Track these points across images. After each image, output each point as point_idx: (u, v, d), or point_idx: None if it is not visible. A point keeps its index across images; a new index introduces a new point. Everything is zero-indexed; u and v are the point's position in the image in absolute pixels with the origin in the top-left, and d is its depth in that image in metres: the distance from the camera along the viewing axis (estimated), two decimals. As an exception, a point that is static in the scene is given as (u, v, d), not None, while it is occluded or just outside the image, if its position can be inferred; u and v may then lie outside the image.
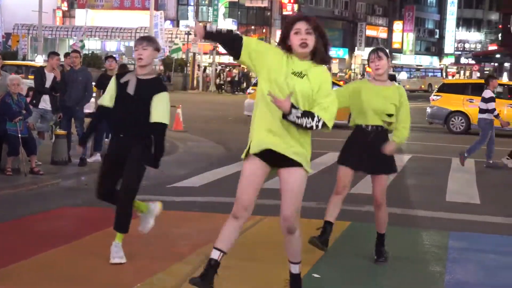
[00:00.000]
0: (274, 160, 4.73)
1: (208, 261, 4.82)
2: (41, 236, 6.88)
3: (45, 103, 11.60)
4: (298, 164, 4.70)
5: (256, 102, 4.77)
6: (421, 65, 75.67)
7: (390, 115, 6.22)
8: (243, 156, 4.89)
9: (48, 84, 11.48)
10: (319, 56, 4.79)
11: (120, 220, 5.99)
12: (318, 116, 4.55)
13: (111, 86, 6.05)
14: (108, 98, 6.03)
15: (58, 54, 12.02)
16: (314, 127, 4.57)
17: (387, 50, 6.76)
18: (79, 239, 6.73)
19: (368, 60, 6.47)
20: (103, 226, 7.10)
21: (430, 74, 70.74)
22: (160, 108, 5.92)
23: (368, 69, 65.99)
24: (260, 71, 4.71)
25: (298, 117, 4.49)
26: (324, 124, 4.59)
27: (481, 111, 13.66)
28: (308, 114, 4.53)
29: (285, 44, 4.73)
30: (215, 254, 4.80)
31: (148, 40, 6.11)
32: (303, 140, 4.71)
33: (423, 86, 65.31)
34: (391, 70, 61.42)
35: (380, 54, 6.23)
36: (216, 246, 4.81)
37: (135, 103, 5.89)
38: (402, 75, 66.02)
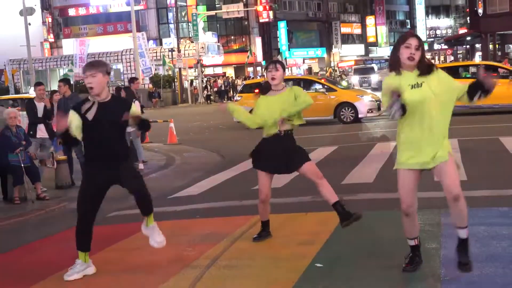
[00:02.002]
0: None
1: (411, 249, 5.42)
2: (53, 259, 6.88)
3: (42, 132, 11.64)
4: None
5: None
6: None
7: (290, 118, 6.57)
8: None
9: (40, 113, 11.52)
10: (423, 67, 5.15)
11: (144, 205, 6.04)
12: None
13: (73, 117, 5.82)
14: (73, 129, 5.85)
15: (41, 84, 12.17)
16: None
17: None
18: (90, 256, 6.72)
19: (266, 68, 6.81)
20: (111, 243, 7.13)
21: None
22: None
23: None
24: None
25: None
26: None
27: None
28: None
29: (396, 57, 5.11)
30: (411, 242, 5.43)
31: (96, 66, 5.80)
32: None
33: None
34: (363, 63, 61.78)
35: (278, 66, 6.63)
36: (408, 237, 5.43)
37: (104, 127, 5.75)
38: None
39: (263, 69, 48.18)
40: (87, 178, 6.01)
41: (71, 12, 64.79)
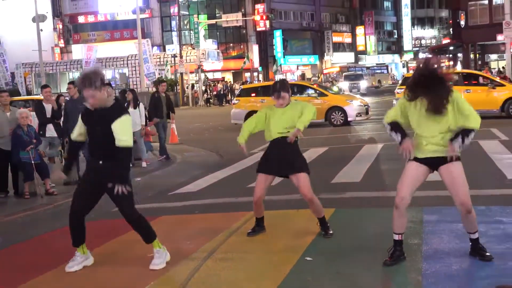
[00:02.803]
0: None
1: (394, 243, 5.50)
2: (60, 251, 6.87)
3: (51, 131, 11.64)
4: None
5: None
6: (371, 65, 75.45)
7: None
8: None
9: (48, 113, 11.56)
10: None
11: (144, 234, 5.91)
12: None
13: (79, 124, 5.86)
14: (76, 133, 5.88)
15: (48, 86, 12.29)
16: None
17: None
18: (93, 249, 6.72)
19: (272, 94, 6.63)
20: (114, 236, 7.13)
21: (378, 71, 70.74)
22: (119, 131, 5.57)
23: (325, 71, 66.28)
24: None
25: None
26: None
27: None
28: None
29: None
30: (396, 237, 5.52)
31: (92, 83, 5.50)
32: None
33: (374, 83, 65.52)
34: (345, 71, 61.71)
35: (282, 94, 6.51)
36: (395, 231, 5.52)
37: (96, 133, 5.68)
38: None
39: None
40: (83, 176, 5.99)
41: (81, 19, 64.70)
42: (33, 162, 10.21)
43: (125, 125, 5.61)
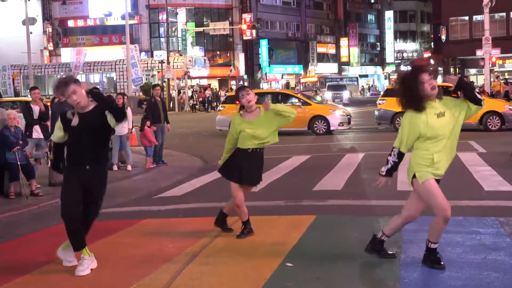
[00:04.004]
0: None
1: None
2: (43, 251, 6.80)
3: (37, 132, 11.52)
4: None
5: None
6: (343, 76, 75.78)
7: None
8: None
9: (35, 115, 11.45)
10: (440, 94, 5.31)
11: (81, 239, 5.84)
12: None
13: (58, 126, 5.85)
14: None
15: (36, 88, 12.18)
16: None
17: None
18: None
19: (238, 97, 6.80)
20: (99, 237, 7.06)
21: (349, 83, 70.82)
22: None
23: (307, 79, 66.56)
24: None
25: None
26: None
27: None
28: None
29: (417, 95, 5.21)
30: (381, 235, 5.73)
31: (69, 82, 5.64)
32: None
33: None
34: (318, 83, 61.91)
35: (248, 90, 6.73)
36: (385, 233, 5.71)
37: (82, 134, 5.69)
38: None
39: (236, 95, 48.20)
40: (67, 182, 5.83)
41: (70, 23, 64.30)
42: (19, 163, 10.11)
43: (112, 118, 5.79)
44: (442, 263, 5.45)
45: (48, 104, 12.87)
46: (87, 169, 5.70)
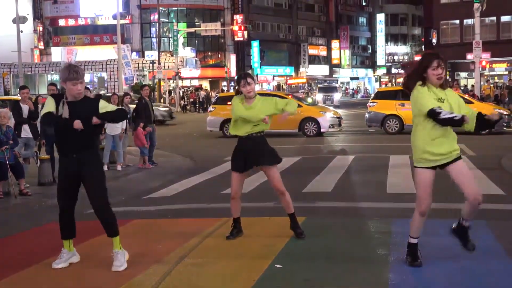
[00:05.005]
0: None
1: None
2: (30, 251, 6.77)
3: (26, 132, 11.46)
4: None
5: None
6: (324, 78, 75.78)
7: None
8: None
9: (25, 114, 11.39)
10: (446, 83, 5.48)
11: (110, 227, 5.87)
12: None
13: (51, 103, 5.79)
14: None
15: (26, 87, 12.05)
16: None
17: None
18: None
19: (238, 84, 6.77)
20: (87, 238, 7.03)
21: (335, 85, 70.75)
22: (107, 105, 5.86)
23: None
24: None
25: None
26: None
27: None
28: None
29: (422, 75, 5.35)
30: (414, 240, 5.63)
31: (82, 74, 5.76)
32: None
33: None
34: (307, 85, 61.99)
35: (249, 80, 6.67)
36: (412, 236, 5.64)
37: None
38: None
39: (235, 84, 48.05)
40: (60, 175, 5.91)
41: (61, 22, 64.08)
42: (8, 162, 10.04)
43: (107, 104, 5.87)
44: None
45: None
46: (74, 157, 5.75)
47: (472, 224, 5.61)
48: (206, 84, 62.33)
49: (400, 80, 76.43)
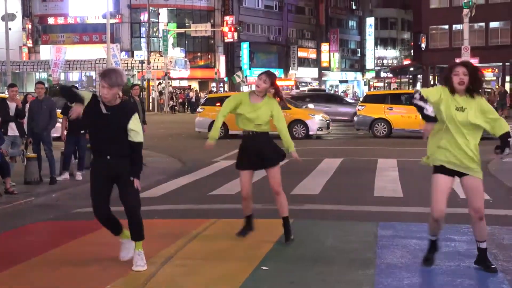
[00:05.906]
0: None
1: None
2: (15, 250, 6.73)
3: (13, 130, 11.39)
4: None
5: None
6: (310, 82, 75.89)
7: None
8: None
9: (12, 112, 11.32)
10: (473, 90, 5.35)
11: (136, 231, 5.89)
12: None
13: (87, 96, 5.70)
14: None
15: (15, 85, 12.00)
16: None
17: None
18: (50, 251, 6.59)
19: (259, 75, 6.84)
20: (73, 237, 7.00)
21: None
22: (135, 128, 5.71)
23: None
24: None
25: None
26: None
27: None
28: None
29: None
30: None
31: (115, 82, 5.59)
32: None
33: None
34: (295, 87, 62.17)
35: (266, 80, 6.72)
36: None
37: (109, 127, 5.65)
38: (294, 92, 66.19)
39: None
40: (94, 174, 5.87)
41: (50, 20, 63.75)
42: (-7, 160, 9.98)
43: (138, 122, 5.75)
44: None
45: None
46: (109, 159, 5.70)
47: (485, 247, 5.62)
48: (195, 85, 62.25)
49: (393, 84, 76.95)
